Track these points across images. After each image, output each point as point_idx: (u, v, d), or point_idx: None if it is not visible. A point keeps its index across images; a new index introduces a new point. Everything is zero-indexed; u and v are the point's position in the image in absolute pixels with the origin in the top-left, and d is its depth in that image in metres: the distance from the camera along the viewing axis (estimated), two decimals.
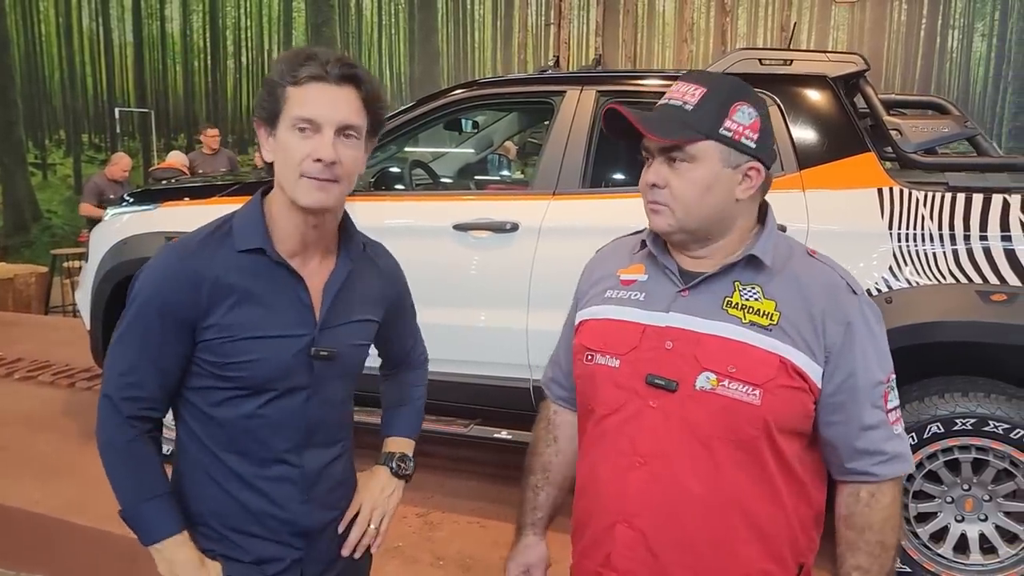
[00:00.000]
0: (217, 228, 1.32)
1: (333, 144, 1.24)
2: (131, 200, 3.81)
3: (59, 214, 10.39)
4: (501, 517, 3.15)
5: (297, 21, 9.45)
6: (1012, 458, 2.53)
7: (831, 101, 2.85)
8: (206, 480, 1.34)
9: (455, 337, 3.13)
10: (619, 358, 1.28)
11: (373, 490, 1.50)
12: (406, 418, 1.63)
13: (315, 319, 1.33)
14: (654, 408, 1.23)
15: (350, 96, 1.27)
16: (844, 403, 1.23)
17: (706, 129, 1.22)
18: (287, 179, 1.26)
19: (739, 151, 1.24)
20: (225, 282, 1.27)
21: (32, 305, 7.76)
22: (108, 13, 10.25)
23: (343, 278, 1.37)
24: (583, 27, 8.12)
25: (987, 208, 2.57)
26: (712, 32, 7.64)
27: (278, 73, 1.27)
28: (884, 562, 1.24)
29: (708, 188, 1.23)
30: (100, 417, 1.32)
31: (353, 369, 1.43)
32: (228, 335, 1.27)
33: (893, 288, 2.58)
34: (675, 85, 1.28)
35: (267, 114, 1.28)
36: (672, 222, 1.25)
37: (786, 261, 1.27)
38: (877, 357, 1.25)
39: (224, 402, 1.31)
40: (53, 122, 10.39)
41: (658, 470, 1.22)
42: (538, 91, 3.35)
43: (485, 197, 3.38)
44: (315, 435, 1.37)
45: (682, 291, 1.27)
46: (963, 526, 2.66)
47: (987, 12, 6.80)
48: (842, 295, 1.24)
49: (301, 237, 1.32)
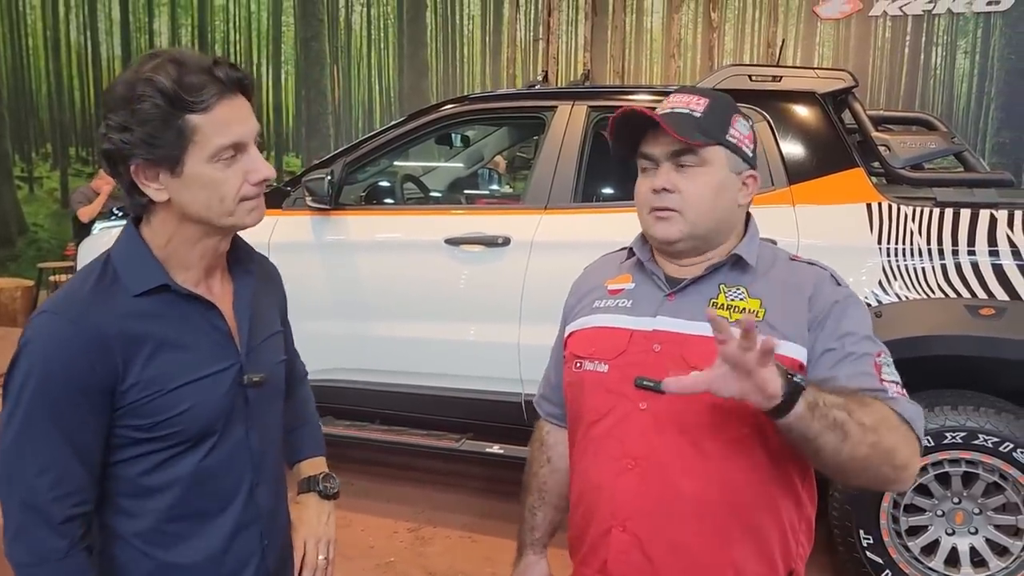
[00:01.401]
0: (99, 276, 1.13)
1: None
2: (119, 214, 3.80)
3: (45, 227, 10.31)
4: (493, 532, 3.14)
5: (286, 35, 9.45)
6: (1001, 471, 2.55)
7: (820, 117, 2.88)
8: (148, 562, 1.17)
9: (446, 351, 3.14)
10: (607, 363, 1.28)
11: (310, 521, 1.41)
12: (311, 437, 1.52)
13: (237, 345, 1.21)
14: (643, 410, 1.23)
15: (244, 100, 1.13)
16: (832, 368, 1.20)
17: (716, 134, 1.27)
18: (218, 211, 1.12)
19: (741, 158, 1.30)
20: (133, 333, 1.10)
21: (18, 319, 7.69)
22: (96, 27, 10.22)
23: (250, 294, 1.26)
24: (571, 42, 8.17)
25: (975, 223, 2.59)
26: (699, 48, 7.70)
27: (166, 100, 1.05)
28: (851, 426, 1.08)
29: (718, 192, 1.27)
30: (17, 531, 1.08)
31: (281, 389, 1.33)
32: (155, 390, 1.11)
33: (882, 302, 2.60)
34: (674, 96, 1.31)
35: (164, 153, 1.07)
36: (683, 228, 1.27)
37: (770, 265, 1.31)
38: (860, 334, 1.23)
39: (160, 466, 1.14)
40: (40, 135, 10.33)
41: (649, 471, 1.22)
42: (529, 106, 3.37)
43: (477, 211, 3.39)
44: (262, 470, 1.26)
45: (668, 295, 1.29)
46: (954, 539, 2.67)
47: (970, 30, 6.89)
48: (827, 285, 1.28)
49: (207, 263, 1.19)
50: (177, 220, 1.14)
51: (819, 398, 1.07)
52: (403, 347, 3.16)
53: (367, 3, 9.07)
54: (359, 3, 9.10)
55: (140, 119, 1.06)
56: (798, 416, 1.05)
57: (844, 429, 1.08)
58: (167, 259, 1.16)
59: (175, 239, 1.15)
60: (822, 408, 1.06)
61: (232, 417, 1.19)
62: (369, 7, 9.07)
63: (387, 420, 3.29)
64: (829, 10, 7.21)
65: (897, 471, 1.15)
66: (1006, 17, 6.73)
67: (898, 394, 1.19)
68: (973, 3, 6.79)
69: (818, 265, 1.32)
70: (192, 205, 1.11)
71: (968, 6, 6.81)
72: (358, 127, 8.93)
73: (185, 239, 1.15)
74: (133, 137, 1.06)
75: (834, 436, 1.07)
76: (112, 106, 1.08)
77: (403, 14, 8.92)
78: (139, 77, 1.06)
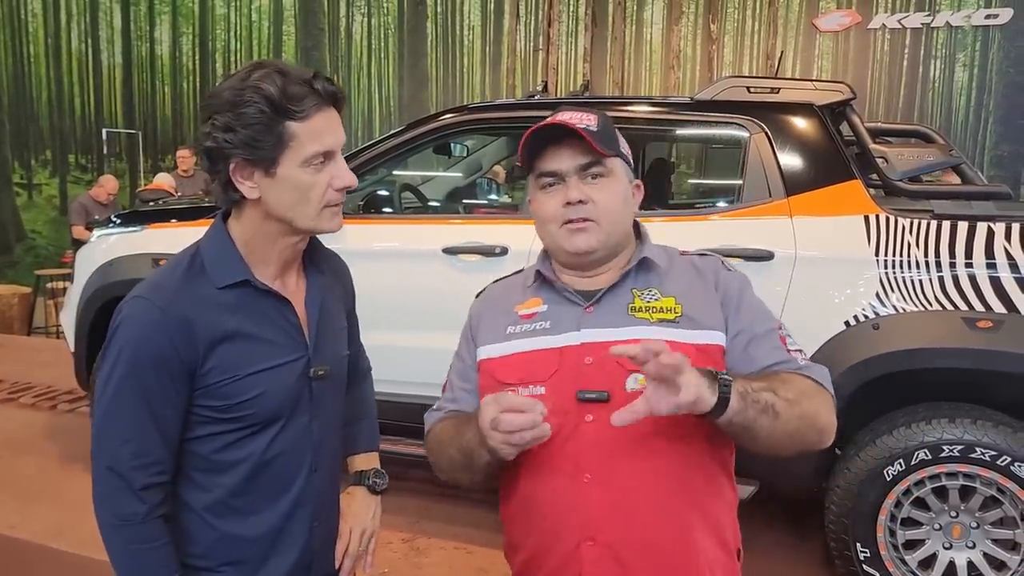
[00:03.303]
0: (188, 267, 1.24)
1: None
2: (118, 221, 3.79)
3: (44, 234, 10.32)
4: (488, 543, 3.12)
5: (287, 44, 9.48)
6: (999, 485, 2.53)
7: (818, 129, 2.88)
8: (213, 532, 1.27)
9: (444, 361, 3.12)
10: (543, 384, 1.28)
11: (357, 513, 1.49)
12: (367, 433, 1.61)
13: (306, 339, 1.31)
14: (590, 423, 1.24)
15: (336, 112, 1.23)
16: (746, 348, 1.29)
17: (615, 146, 1.34)
18: (303, 213, 1.21)
19: (630, 168, 1.39)
20: (215, 321, 1.21)
21: (15, 326, 7.69)
22: (97, 35, 10.25)
23: (321, 291, 1.36)
24: (571, 53, 8.19)
25: (972, 236, 2.59)
26: (699, 59, 7.73)
27: (271, 107, 1.15)
28: (779, 405, 1.18)
29: (625, 200, 1.36)
30: (103, 493, 1.21)
31: (343, 382, 1.42)
32: (230, 375, 1.22)
33: (880, 315, 2.60)
34: (564, 112, 1.34)
35: (263, 155, 1.17)
36: (601, 237, 1.32)
37: (670, 264, 1.38)
38: (760, 312, 1.35)
39: (231, 445, 1.25)
40: (39, 142, 10.36)
41: (608, 481, 1.23)
42: (528, 116, 3.37)
43: (474, 221, 3.39)
44: (321, 457, 1.35)
45: (587, 308, 1.32)
46: (951, 553, 2.66)
47: (968, 43, 6.92)
48: (723, 271, 1.37)
49: (284, 260, 1.29)
50: (262, 218, 1.23)
51: (746, 386, 1.15)
52: (400, 356, 3.15)
53: (368, 13, 9.10)
54: (360, 13, 9.14)
55: (245, 122, 1.15)
56: (735, 410, 1.13)
57: (774, 409, 1.17)
58: (249, 254, 1.26)
59: (257, 235, 1.25)
60: (752, 395, 1.15)
61: (298, 405, 1.29)
62: (370, 17, 9.10)
63: (383, 430, 3.26)
64: (828, 23, 7.24)
65: (820, 434, 1.26)
66: (1004, 31, 6.75)
67: (804, 360, 1.31)
68: (972, 17, 6.83)
69: (707, 255, 1.42)
70: (279, 205, 1.21)
71: (967, 20, 6.84)
72: (358, 136, 8.94)
73: (266, 236, 1.25)
74: (236, 138, 1.16)
75: (767, 418, 1.16)
76: (218, 108, 1.18)
77: (403, 24, 8.95)
78: (247, 84, 1.16)
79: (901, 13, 7.03)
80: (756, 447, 1.23)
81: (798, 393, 1.21)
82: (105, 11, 10.20)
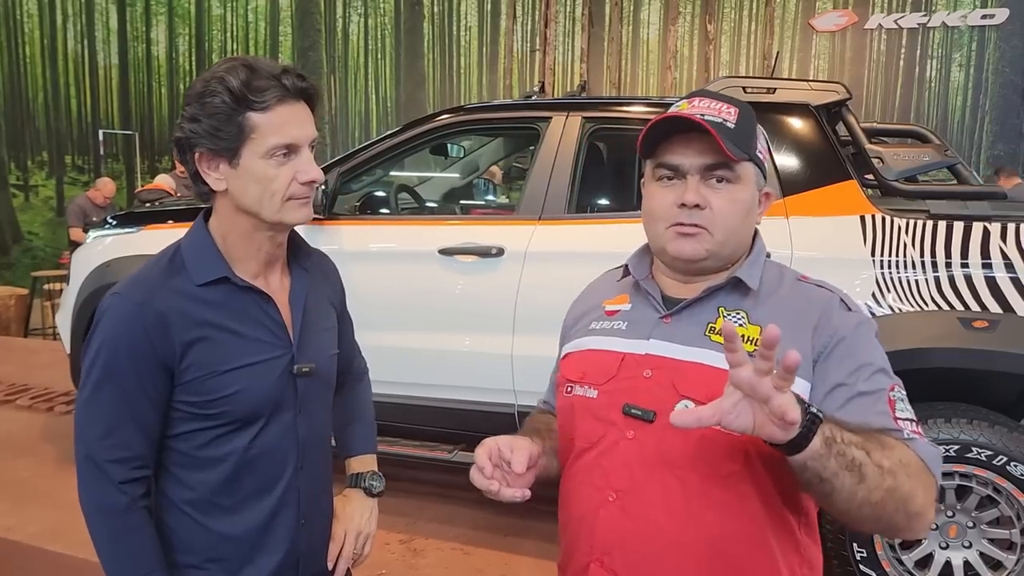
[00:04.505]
0: (168, 263, 1.25)
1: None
2: (113, 223, 3.79)
3: (40, 236, 10.30)
4: (486, 544, 3.12)
5: (283, 45, 9.48)
6: (995, 485, 2.53)
7: (814, 129, 2.89)
8: (197, 529, 1.27)
9: (440, 362, 3.13)
10: (597, 388, 1.21)
11: (353, 515, 1.48)
12: (364, 434, 1.60)
13: (290, 336, 1.30)
14: (631, 439, 1.15)
15: (306, 107, 1.24)
16: (843, 407, 1.09)
17: (749, 149, 1.18)
18: (267, 205, 1.22)
19: (763, 175, 1.22)
20: (193, 318, 1.21)
21: (11, 327, 7.67)
22: (93, 35, 10.24)
23: (306, 288, 1.36)
24: (568, 54, 8.19)
25: (968, 236, 2.59)
26: (696, 59, 7.74)
27: (232, 98, 1.17)
28: (868, 468, 0.99)
29: (748, 211, 1.20)
30: (84, 480, 1.23)
31: (331, 381, 1.42)
32: (208, 371, 1.22)
33: (876, 315, 2.60)
34: (700, 100, 1.20)
35: (225, 145, 1.19)
36: (709, 246, 1.18)
37: (775, 287, 1.21)
38: (879, 365, 1.13)
39: (213, 441, 1.25)
40: (36, 143, 10.34)
41: (630, 506, 1.14)
42: (524, 116, 3.37)
43: (471, 222, 3.38)
44: (307, 456, 1.34)
45: (664, 317, 1.21)
46: (948, 553, 2.66)
47: (964, 43, 6.93)
48: (836, 312, 1.16)
49: (265, 257, 1.29)
50: (233, 211, 1.25)
51: (836, 434, 0.98)
52: (396, 357, 3.15)
53: (365, 13, 9.09)
54: (357, 13, 9.13)
55: (208, 112, 1.18)
56: (814, 452, 0.95)
57: (861, 471, 0.99)
58: (228, 251, 1.27)
59: (233, 231, 1.26)
60: (839, 445, 0.97)
61: (281, 403, 1.29)
62: (367, 17, 9.10)
63: (380, 431, 3.26)
64: (824, 23, 7.25)
65: (910, 519, 1.05)
66: (1001, 31, 6.77)
67: (914, 433, 1.09)
68: (968, 17, 6.84)
69: (827, 288, 1.21)
70: (245, 196, 1.22)
71: (963, 20, 6.85)
72: (355, 137, 8.94)
73: (241, 231, 1.26)
74: (200, 128, 1.19)
75: (850, 477, 0.99)
76: (188, 100, 1.22)
77: (400, 24, 8.95)
78: (213, 76, 1.19)
79: (897, 13, 7.05)
80: (828, 507, 1.05)
81: (896, 463, 1.02)
82: (101, 12, 10.18)
